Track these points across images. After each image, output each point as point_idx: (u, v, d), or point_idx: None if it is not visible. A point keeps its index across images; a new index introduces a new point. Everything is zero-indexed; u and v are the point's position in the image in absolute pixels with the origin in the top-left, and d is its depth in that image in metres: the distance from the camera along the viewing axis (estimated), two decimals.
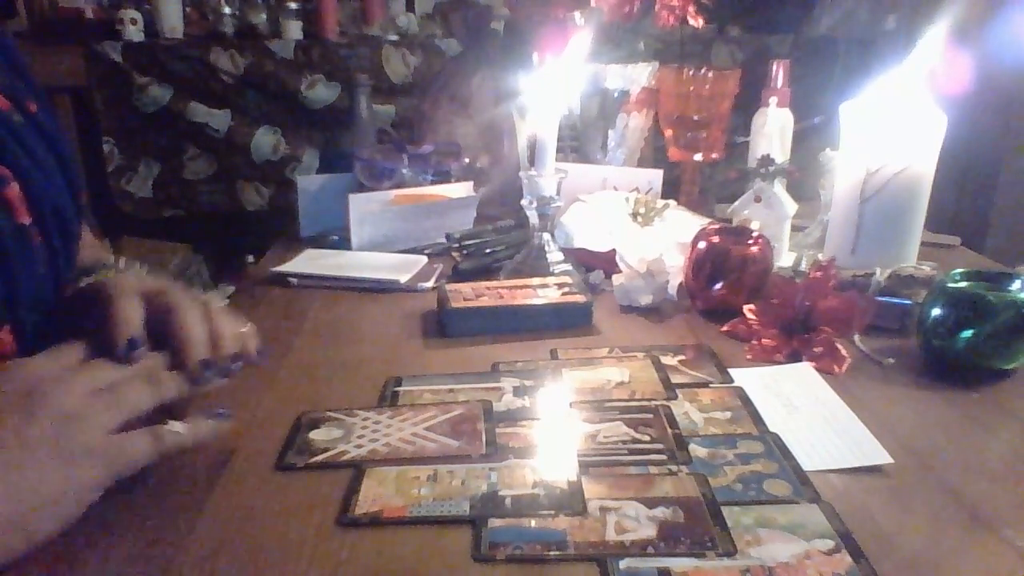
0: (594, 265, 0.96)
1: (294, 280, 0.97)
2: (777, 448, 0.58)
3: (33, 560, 0.45)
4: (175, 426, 0.52)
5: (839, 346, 0.74)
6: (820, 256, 0.93)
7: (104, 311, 0.52)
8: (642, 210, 1.04)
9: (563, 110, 1.19)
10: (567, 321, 0.82)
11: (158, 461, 0.51)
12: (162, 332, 0.53)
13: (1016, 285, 0.73)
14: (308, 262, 1.01)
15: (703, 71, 1.14)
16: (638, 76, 1.23)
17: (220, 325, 0.56)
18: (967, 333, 0.70)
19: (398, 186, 1.14)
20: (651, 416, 0.62)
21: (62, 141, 0.58)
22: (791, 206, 0.99)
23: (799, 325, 0.76)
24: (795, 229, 1.05)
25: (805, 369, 0.72)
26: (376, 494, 0.52)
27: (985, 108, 2.10)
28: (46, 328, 0.56)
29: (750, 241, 0.85)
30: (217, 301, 0.61)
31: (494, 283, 0.89)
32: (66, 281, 0.60)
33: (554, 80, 0.91)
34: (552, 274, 0.91)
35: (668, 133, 1.19)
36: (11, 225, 0.50)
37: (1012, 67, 2.06)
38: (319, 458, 0.57)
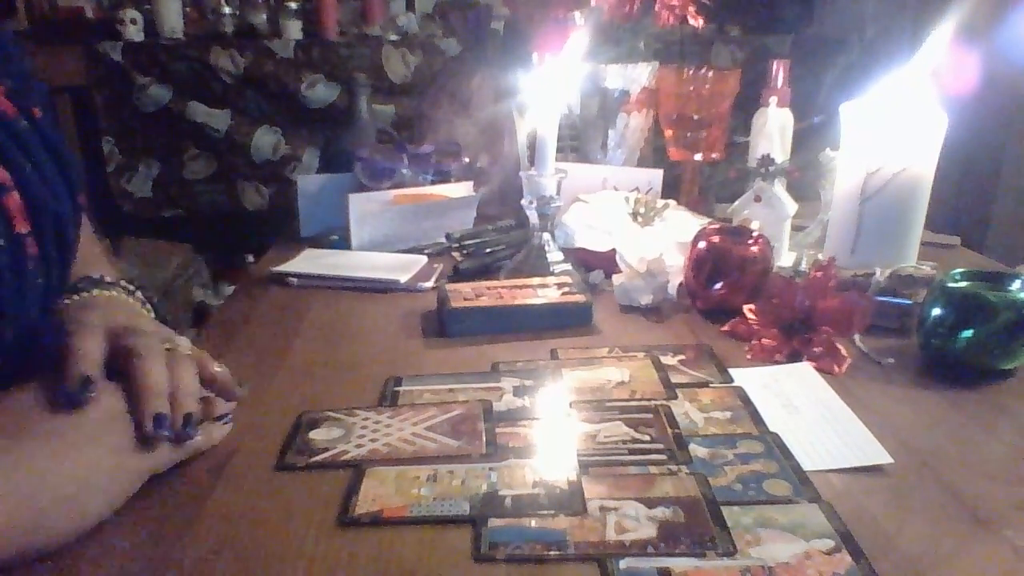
0: (594, 265, 0.96)
1: (294, 280, 0.97)
2: (777, 448, 0.58)
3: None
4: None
5: (839, 346, 0.73)
6: (820, 256, 0.93)
7: (62, 345, 0.51)
8: (642, 210, 1.04)
9: (563, 109, 1.19)
10: (567, 321, 0.82)
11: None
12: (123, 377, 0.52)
13: (1016, 285, 0.73)
14: (308, 262, 1.01)
15: (703, 71, 1.14)
16: (638, 76, 1.23)
17: (182, 377, 0.53)
18: (967, 333, 0.70)
19: (398, 186, 1.14)
20: (651, 416, 0.62)
21: (63, 147, 0.57)
22: (791, 206, 0.99)
23: (799, 325, 0.76)
24: (795, 229, 1.05)
25: (805, 369, 0.72)
26: (376, 494, 0.52)
27: (985, 108, 2.09)
28: (29, 341, 0.55)
29: (750, 241, 0.85)
30: (185, 346, 0.57)
31: (494, 283, 0.89)
32: (58, 291, 0.59)
33: (553, 78, 0.91)
34: (552, 274, 0.91)
35: (668, 133, 1.19)
36: (8, 235, 0.50)
37: (1012, 67, 2.07)
38: (319, 458, 0.57)
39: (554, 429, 0.61)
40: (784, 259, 0.99)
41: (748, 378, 0.70)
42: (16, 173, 0.51)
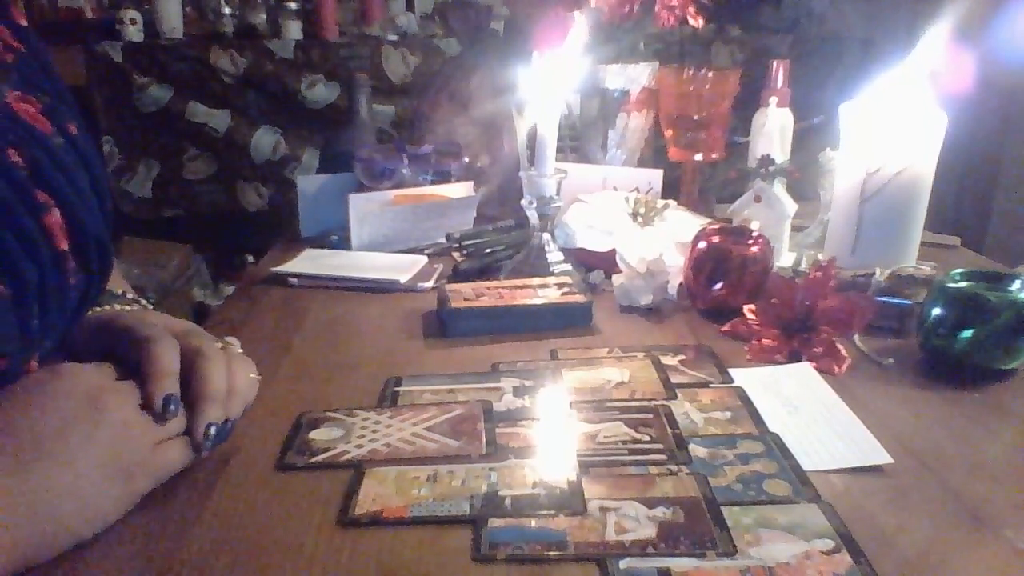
0: (594, 265, 0.96)
1: (294, 280, 0.97)
2: (777, 448, 0.58)
3: None
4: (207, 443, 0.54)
5: (839, 346, 0.74)
6: (820, 256, 0.93)
7: (140, 355, 0.53)
8: (642, 210, 1.04)
9: (562, 108, 1.19)
10: (567, 321, 0.82)
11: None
12: (183, 375, 0.54)
13: (1016, 285, 0.73)
14: (308, 262, 1.01)
15: (703, 71, 1.14)
16: (638, 76, 1.23)
17: (237, 379, 0.57)
18: (967, 333, 0.70)
19: (398, 186, 1.14)
20: (651, 416, 0.62)
21: (98, 165, 0.57)
22: (791, 206, 0.99)
23: (799, 325, 0.76)
24: (795, 229, 1.05)
25: (805, 369, 0.72)
26: (376, 494, 0.52)
27: (985, 108, 2.09)
28: (58, 352, 0.56)
29: (750, 241, 0.85)
30: (237, 345, 0.62)
31: (494, 283, 0.89)
32: (93, 303, 0.60)
33: (552, 76, 0.91)
34: (552, 274, 0.91)
35: (668, 133, 1.19)
36: (51, 253, 0.50)
37: (1012, 67, 2.07)
38: (319, 458, 0.57)
39: (554, 429, 0.61)
40: (784, 259, 0.99)
41: (748, 378, 0.70)
42: (55, 193, 0.51)
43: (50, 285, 0.50)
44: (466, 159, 1.21)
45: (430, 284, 0.95)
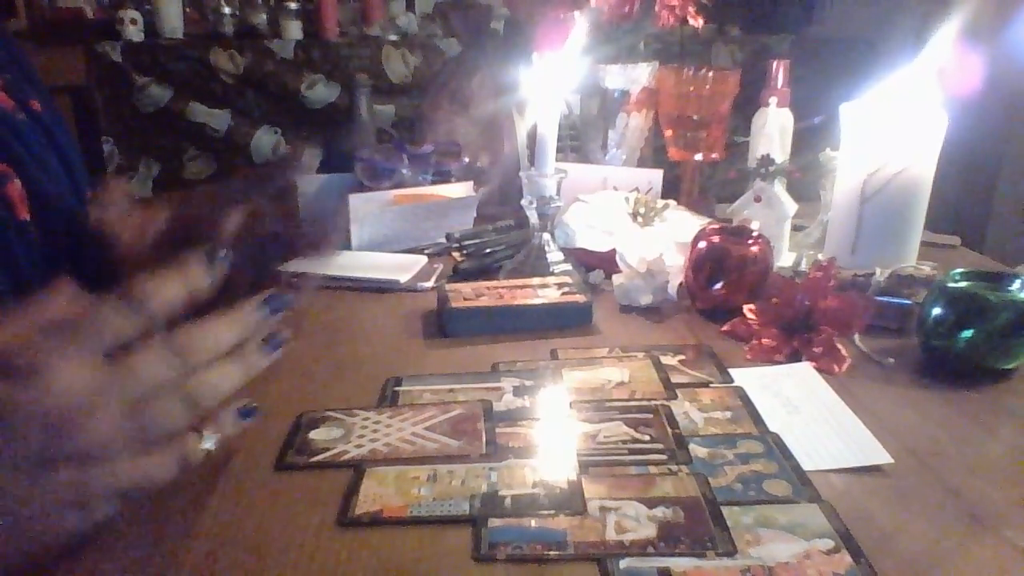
0: (594, 265, 0.96)
1: (295, 280, 0.97)
2: (777, 448, 0.58)
3: None
4: (207, 441, 0.47)
5: (839, 346, 0.73)
6: (820, 256, 0.93)
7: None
8: (642, 210, 1.04)
9: (562, 108, 1.19)
10: (567, 321, 0.82)
11: None
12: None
13: (1016, 285, 0.73)
14: (308, 262, 1.01)
15: (703, 71, 1.14)
16: (638, 76, 1.23)
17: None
18: (967, 333, 0.70)
19: (398, 186, 1.14)
20: (651, 416, 0.62)
21: (66, 140, 0.57)
22: (791, 206, 0.99)
23: (799, 325, 0.76)
24: (795, 229, 1.05)
25: (805, 369, 0.72)
26: (376, 494, 0.52)
27: (985, 108, 2.09)
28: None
29: (750, 241, 0.85)
30: None
31: (494, 283, 0.89)
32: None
33: (552, 76, 0.91)
34: (552, 274, 0.91)
35: (668, 133, 1.19)
36: (13, 221, 0.50)
37: (1013, 67, 2.07)
38: (319, 458, 0.57)
39: (554, 429, 0.61)
40: (784, 259, 0.99)
41: (748, 378, 0.70)
42: (16, 164, 0.51)
43: (18, 253, 0.50)
44: (466, 159, 1.21)
45: (430, 284, 0.95)
